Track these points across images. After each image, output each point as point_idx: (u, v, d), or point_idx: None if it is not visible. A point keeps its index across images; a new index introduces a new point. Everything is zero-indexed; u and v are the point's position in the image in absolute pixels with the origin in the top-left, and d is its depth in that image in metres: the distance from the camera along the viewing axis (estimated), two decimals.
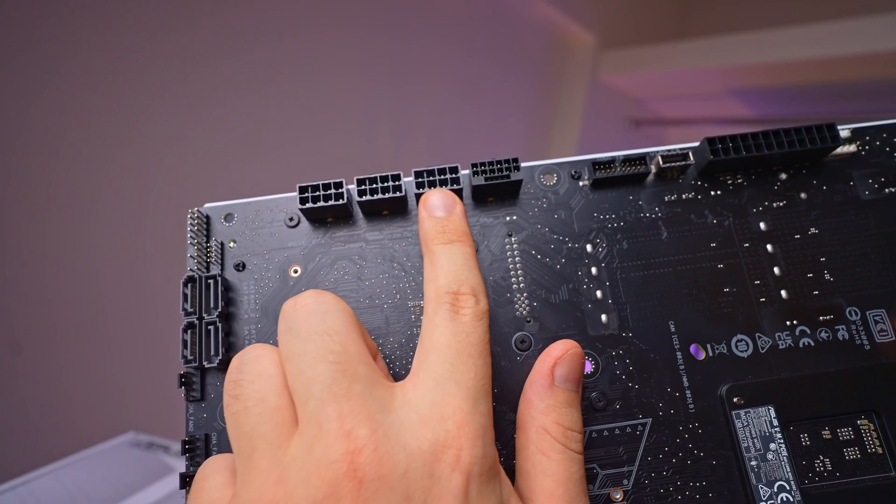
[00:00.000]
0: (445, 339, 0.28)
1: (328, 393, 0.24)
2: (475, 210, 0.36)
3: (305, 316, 0.27)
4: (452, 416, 0.26)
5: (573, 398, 0.30)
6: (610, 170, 0.35)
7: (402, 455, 0.24)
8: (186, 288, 0.33)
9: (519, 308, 0.34)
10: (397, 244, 0.35)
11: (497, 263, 0.35)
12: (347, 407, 0.24)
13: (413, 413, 0.26)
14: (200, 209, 0.35)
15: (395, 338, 0.34)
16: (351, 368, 0.25)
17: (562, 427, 0.28)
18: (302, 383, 0.25)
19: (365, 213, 0.36)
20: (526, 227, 0.36)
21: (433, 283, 0.30)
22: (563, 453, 0.28)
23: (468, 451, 0.25)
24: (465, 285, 0.29)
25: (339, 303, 0.28)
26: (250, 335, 0.34)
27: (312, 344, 0.26)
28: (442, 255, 0.30)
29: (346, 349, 0.26)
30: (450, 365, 0.27)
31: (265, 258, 0.35)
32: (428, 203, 0.32)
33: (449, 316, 0.28)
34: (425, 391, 0.26)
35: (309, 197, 0.34)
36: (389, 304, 0.35)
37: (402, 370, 0.33)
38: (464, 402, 0.26)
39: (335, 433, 0.24)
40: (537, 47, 2.18)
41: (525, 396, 0.30)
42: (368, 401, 0.25)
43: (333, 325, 0.27)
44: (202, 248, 0.35)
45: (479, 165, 0.34)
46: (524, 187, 0.36)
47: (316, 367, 0.25)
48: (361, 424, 0.24)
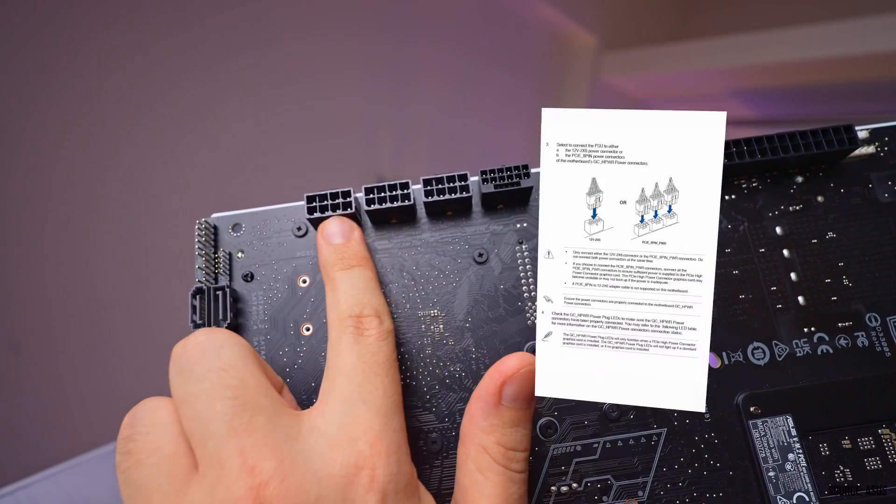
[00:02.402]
0: (351, 362, 0.28)
1: (227, 430, 0.24)
2: (485, 217, 0.36)
3: (198, 355, 0.26)
4: (363, 435, 0.25)
5: (521, 417, 0.28)
6: None
7: (312, 483, 0.23)
8: (195, 299, 0.33)
9: (531, 317, 0.34)
10: (406, 253, 0.35)
11: (508, 272, 0.35)
12: (250, 441, 0.23)
13: (322, 439, 0.25)
14: (208, 219, 0.35)
15: (406, 348, 0.34)
16: (251, 401, 0.25)
17: (503, 448, 0.27)
18: (199, 425, 0.24)
19: (373, 222, 0.35)
20: (537, 235, 0.35)
21: (335, 309, 0.30)
22: (503, 474, 0.27)
23: (382, 470, 0.25)
24: (368, 307, 0.29)
25: (234, 337, 0.27)
26: (259, 346, 0.34)
27: (208, 382, 0.25)
28: (342, 281, 0.30)
29: (244, 382, 0.25)
30: (357, 386, 0.27)
31: (273, 268, 0.35)
32: (325, 231, 0.32)
33: (353, 339, 0.28)
34: (333, 415, 0.26)
35: (317, 206, 0.33)
36: (399, 313, 0.34)
37: (413, 381, 0.33)
38: (374, 421, 0.26)
39: (237, 470, 0.23)
40: (538, 49, 2.19)
41: (469, 409, 0.29)
42: (273, 432, 0.24)
43: (228, 359, 0.26)
44: (210, 258, 0.34)
45: (488, 172, 0.34)
46: (534, 194, 0.36)
47: (213, 406, 0.24)
48: (266, 457, 0.23)
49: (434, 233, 0.35)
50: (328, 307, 0.30)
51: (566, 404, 0.33)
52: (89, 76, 1.04)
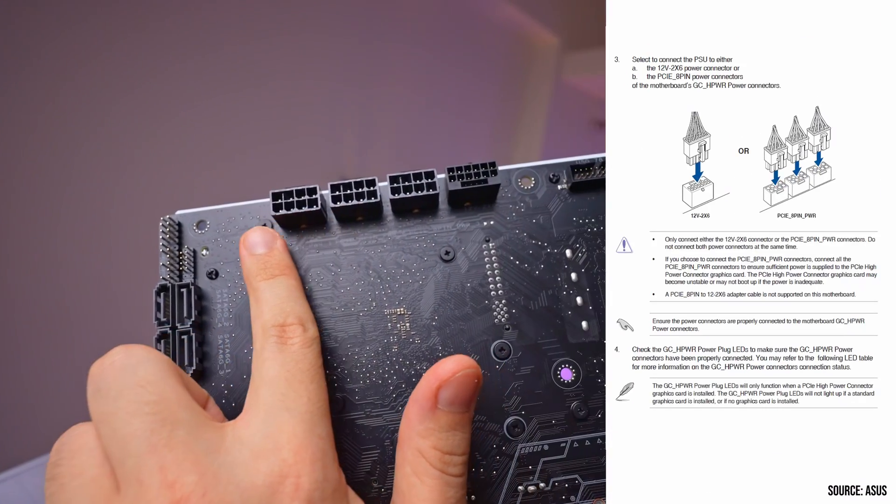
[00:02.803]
0: (275, 371, 0.27)
1: (147, 446, 0.23)
2: (451, 215, 0.36)
3: (114, 373, 0.25)
4: (287, 443, 0.25)
5: (458, 420, 0.28)
6: (589, 173, 0.35)
7: (235, 495, 0.23)
8: (159, 297, 0.32)
9: (497, 315, 0.34)
10: (372, 251, 0.35)
11: (474, 270, 0.35)
12: (170, 456, 0.23)
13: (246, 449, 0.25)
14: (172, 216, 0.35)
15: (372, 346, 0.34)
16: (171, 416, 0.24)
17: (439, 452, 0.27)
18: (117, 444, 0.24)
19: (339, 219, 0.35)
20: (504, 233, 0.35)
21: (259, 319, 0.30)
22: (439, 479, 0.27)
23: (307, 477, 0.25)
24: (291, 316, 0.29)
25: (153, 353, 0.27)
26: (224, 344, 0.33)
27: (124, 399, 0.24)
28: (266, 291, 0.31)
29: (162, 397, 0.25)
30: (281, 395, 0.27)
31: (238, 266, 0.35)
32: (248, 242, 0.32)
33: (277, 348, 0.28)
34: (257, 425, 0.26)
35: (282, 203, 0.33)
36: (365, 311, 0.34)
37: (379, 379, 0.33)
38: (298, 428, 0.26)
39: (158, 486, 0.23)
40: (502, 49, 2.20)
41: (406, 412, 0.29)
42: (194, 445, 0.24)
43: (146, 375, 0.25)
44: (174, 256, 0.34)
45: (455, 170, 0.34)
46: (501, 191, 0.36)
47: (130, 423, 0.24)
48: (187, 471, 0.23)
49: (400, 230, 0.35)
50: (252, 318, 0.30)
51: (533, 403, 0.33)
52: (55, 73, 1.03)
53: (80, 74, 1.06)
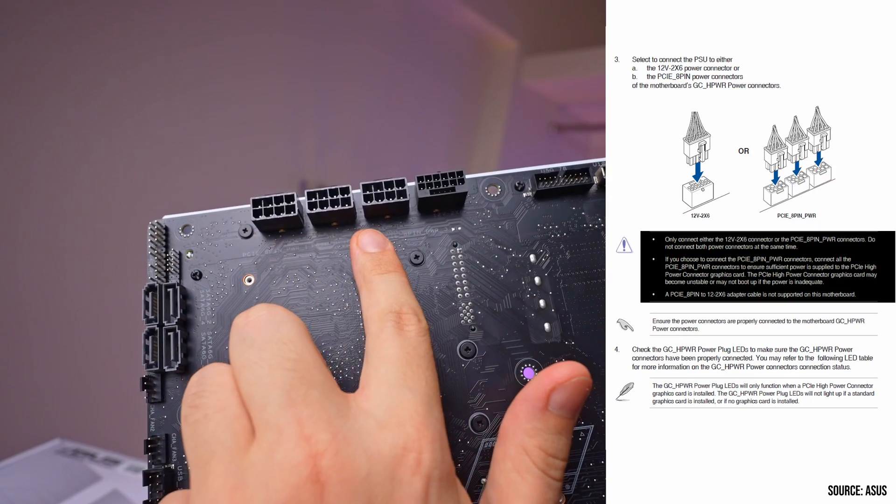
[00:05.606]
0: (394, 352, 0.28)
1: (286, 398, 0.25)
2: (421, 221, 0.37)
3: (259, 327, 0.27)
4: (410, 420, 0.26)
5: (565, 426, 0.28)
6: (553, 181, 0.36)
7: (363, 459, 0.24)
8: (147, 296, 0.34)
9: (463, 316, 0.35)
10: (346, 254, 0.36)
11: (442, 273, 0.36)
12: (306, 412, 0.24)
13: (371, 419, 0.26)
14: (160, 221, 0.36)
15: (345, 344, 0.35)
16: (308, 375, 0.26)
17: (543, 453, 0.28)
18: (259, 390, 0.25)
19: (315, 224, 0.36)
20: (471, 238, 0.37)
21: (374, 307, 0.30)
22: (541, 479, 0.27)
23: (428, 454, 0.26)
24: (406, 306, 0.30)
25: (291, 314, 0.28)
26: (207, 341, 0.35)
27: (269, 352, 0.26)
28: (380, 283, 0.31)
29: (301, 357, 0.26)
30: (402, 374, 0.28)
31: (220, 268, 0.36)
32: (360, 241, 0.33)
33: (395, 331, 0.29)
34: (380, 399, 0.27)
35: (262, 209, 0.34)
36: (339, 311, 0.35)
37: (351, 376, 0.34)
38: (420, 407, 0.27)
39: (296, 437, 0.24)
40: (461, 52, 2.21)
41: (513, 409, 0.29)
42: (327, 406, 0.25)
43: (288, 333, 0.27)
44: (161, 258, 0.35)
45: (424, 178, 0.35)
46: (469, 199, 0.37)
47: (273, 374, 0.25)
48: (321, 429, 0.24)
49: None
50: (365, 308, 0.31)
51: (497, 400, 0.34)
52: (54, 79, 1.03)
53: (81, 80, 1.07)
